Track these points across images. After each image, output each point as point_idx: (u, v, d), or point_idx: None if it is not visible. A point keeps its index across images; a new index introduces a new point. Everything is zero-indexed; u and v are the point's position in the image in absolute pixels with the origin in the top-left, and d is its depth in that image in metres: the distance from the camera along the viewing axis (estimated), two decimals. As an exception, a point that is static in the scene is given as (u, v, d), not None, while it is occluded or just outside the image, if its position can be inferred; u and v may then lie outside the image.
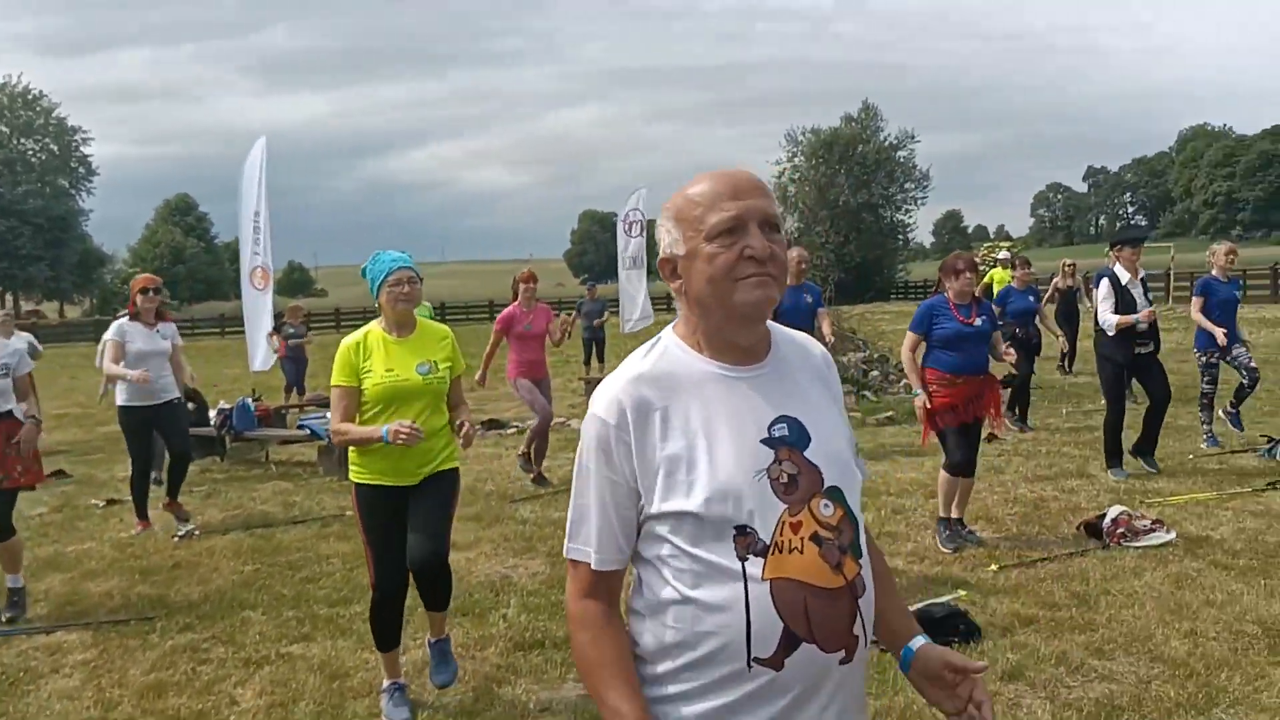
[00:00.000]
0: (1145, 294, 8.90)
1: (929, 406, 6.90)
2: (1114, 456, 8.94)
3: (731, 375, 1.86)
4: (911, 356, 7.04)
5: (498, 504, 9.05)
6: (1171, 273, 35.51)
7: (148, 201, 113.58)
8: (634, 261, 21.51)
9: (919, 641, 1.96)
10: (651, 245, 19.59)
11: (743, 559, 1.74)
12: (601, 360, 20.33)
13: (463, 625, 5.83)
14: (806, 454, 1.83)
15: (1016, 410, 11.65)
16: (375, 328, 4.72)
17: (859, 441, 8.55)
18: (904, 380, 14.42)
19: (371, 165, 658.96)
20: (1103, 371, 9.12)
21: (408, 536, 4.61)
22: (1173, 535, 6.84)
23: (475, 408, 14.23)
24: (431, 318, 20.01)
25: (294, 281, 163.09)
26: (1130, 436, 9.07)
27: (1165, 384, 8.97)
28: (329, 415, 4.93)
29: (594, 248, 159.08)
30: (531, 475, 9.85)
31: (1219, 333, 9.42)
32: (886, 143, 53.71)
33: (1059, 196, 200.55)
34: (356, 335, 4.69)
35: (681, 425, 1.80)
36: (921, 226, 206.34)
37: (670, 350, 1.90)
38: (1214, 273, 9.85)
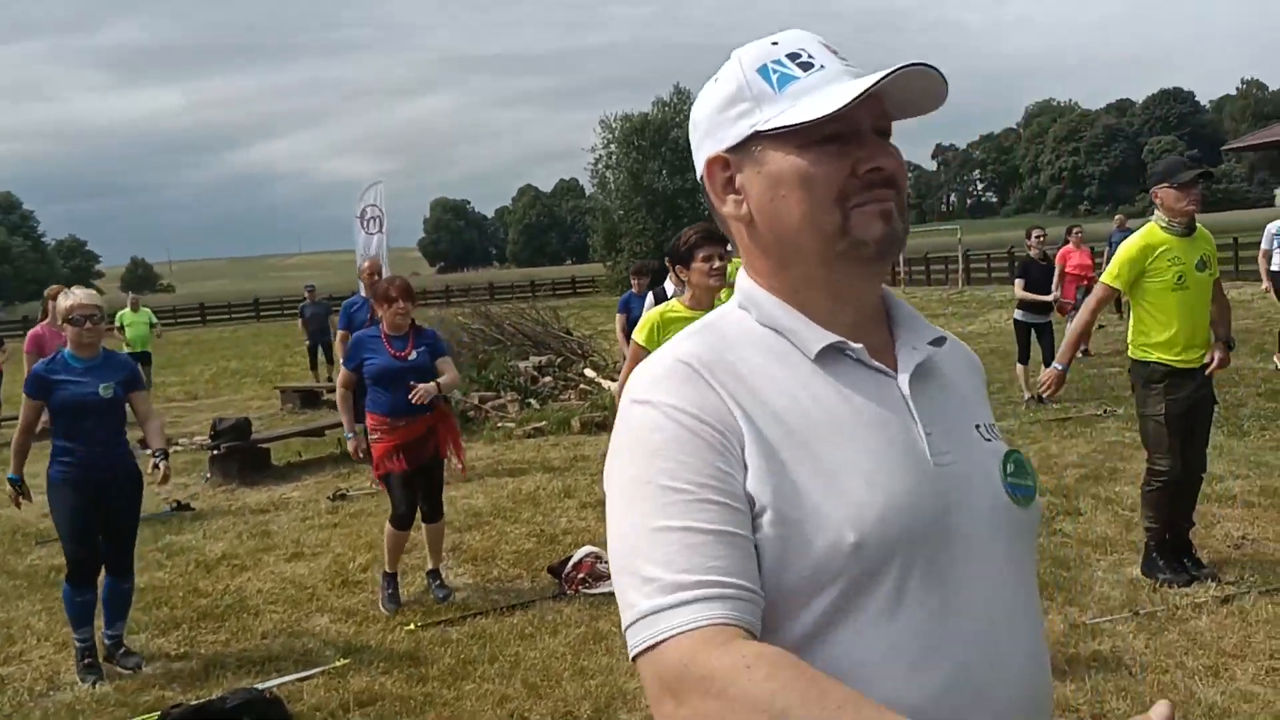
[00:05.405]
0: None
1: (360, 453, 6.22)
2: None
3: None
4: (343, 393, 6.25)
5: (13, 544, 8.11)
6: (960, 254, 35.74)
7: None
8: (373, 260, 20.69)
9: None
10: (391, 241, 18.64)
11: None
12: (330, 362, 19.41)
13: None
14: None
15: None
16: None
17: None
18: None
19: (226, 158, 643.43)
20: None
21: None
22: (639, 578, 6.21)
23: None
24: (150, 324, 18.81)
25: (138, 278, 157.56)
26: None
27: None
28: None
29: (447, 236, 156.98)
30: None
31: None
32: (700, 127, 51.77)
33: (909, 175, 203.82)
34: None
35: None
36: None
37: None
38: None
